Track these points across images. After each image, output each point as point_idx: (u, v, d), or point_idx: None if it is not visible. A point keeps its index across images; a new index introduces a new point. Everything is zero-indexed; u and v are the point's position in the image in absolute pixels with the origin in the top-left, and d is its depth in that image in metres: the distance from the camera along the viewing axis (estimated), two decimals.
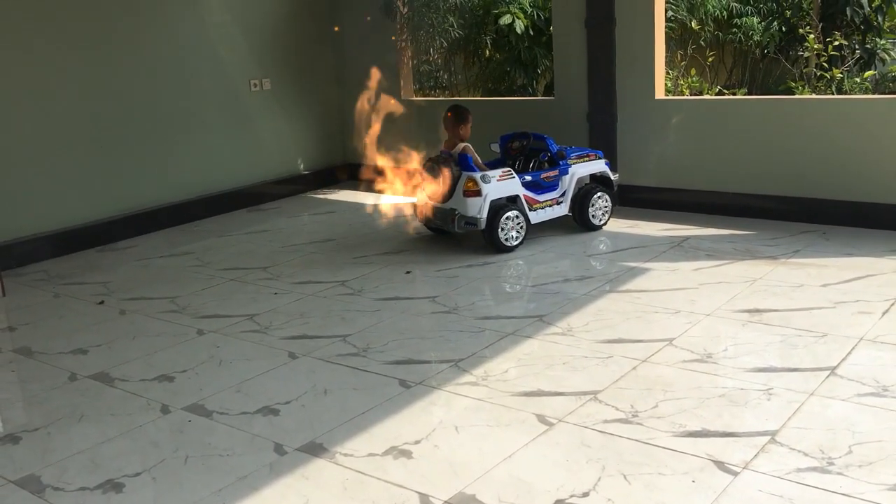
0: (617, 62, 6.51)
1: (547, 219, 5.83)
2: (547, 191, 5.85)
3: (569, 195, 5.89)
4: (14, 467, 3.18)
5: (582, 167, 5.97)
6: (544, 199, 5.81)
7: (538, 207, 5.78)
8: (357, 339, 4.28)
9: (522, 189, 5.69)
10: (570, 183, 5.89)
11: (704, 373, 3.60)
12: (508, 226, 5.58)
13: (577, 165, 5.94)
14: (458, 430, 3.25)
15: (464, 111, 5.90)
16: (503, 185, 5.60)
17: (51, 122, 6.27)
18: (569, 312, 4.44)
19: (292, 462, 3.09)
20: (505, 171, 5.63)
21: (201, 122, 7.31)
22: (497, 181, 5.56)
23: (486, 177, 5.53)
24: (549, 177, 5.87)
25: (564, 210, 5.90)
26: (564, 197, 5.89)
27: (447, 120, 5.88)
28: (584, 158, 6.01)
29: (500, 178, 5.58)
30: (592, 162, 6.04)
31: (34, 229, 6.23)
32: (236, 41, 7.54)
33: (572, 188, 5.89)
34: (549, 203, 5.83)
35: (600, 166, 6.07)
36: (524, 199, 5.69)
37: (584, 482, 2.82)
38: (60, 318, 4.93)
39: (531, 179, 5.78)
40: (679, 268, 5.06)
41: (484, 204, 5.49)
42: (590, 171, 6.03)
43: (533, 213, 5.74)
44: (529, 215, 5.71)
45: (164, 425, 3.46)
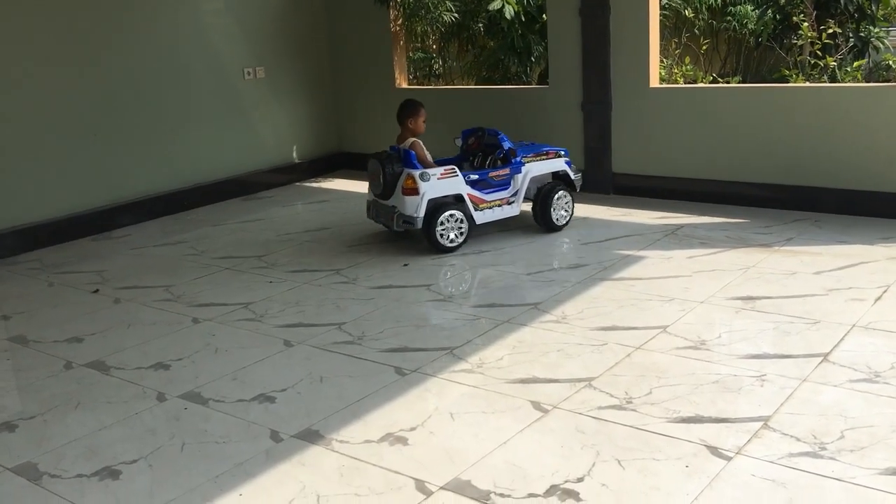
0: (611, 50, 6.51)
1: (495, 219, 5.62)
2: (497, 190, 5.61)
3: (521, 195, 5.65)
4: (10, 455, 3.19)
5: (537, 166, 5.71)
6: (492, 199, 5.57)
7: (485, 207, 5.54)
8: (352, 328, 4.29)
9: (467, 188, 5.46)
10: (523, 182, 5.64)
11: (698, 359, 3.62)
12: (447, 226, 5.38)
13: (532, 164, 5.68)
14: (454, 417, 3.27)
15: (412, 105, 5.69)
16: (444, 183, 5.38)
17: (44, 110, 6.25)
18: (563, 300, 4.46)
19: (289, 449, 3.11)
20: (448, 168, 5.42)
21: (195, 111, 7.29)
22: (437, 179, 5.35)
23: (426, 175, 5.31)
24: (499, 175, 5.62)
25: (516, 211, 5.66)
26: (517, 197, 5.66)
27: (398, 114, 5.71)
28: (542, 156, 5.75)
29: (442, 176, 5.37)
30: (550, 160, 5.78)
31: (28, 218, 6.21)
32: (230, 29, 7.52)
33: (524, 188, 5.65)
34: (499, 203, 5.59)
35: (559, 165, 5.81)
36: (469, 198, 5.47)
37: (579, 468, 2.84)
38: (55, 307, 4.93)
39: (478, 178, 5.54)
40: (673, 256, 5.08)
41: (421, 203, 5.29)
42: (546, 169, 5.76)
43: (479, 212, 5.51)
44: (475, 215, 5.49)
45: (160, 413, 3.47)
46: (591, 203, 6.53)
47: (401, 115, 5.68)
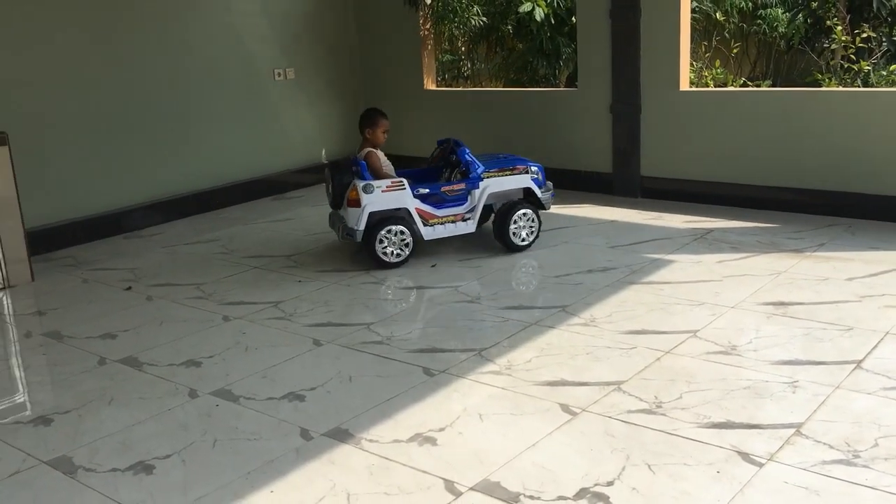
0: (641, 53, 6.49)
1: (448, 235, 5.36)
2: (451, 205, 5.36)
3: (478, 211, 5.36)
4: (46, 448, 3.24)
5: (498, 182, 5.39)
6: (445, 215, 5.32)
7: (436, 223, 5.30)
8: (381, 328, 4.31)
9: (415, 202, 5.25)
10: (480, 198, 5.35)
11: (729, 365, 3.60)
12: (388, 241, 5.21)
13: (492, 179, 5.37)
14: (482, 419, 3.28)
15: (371, 115, 5.49)
16: (389, 196, 5.18)
17: (80, 110, 6.34)
18: (591, 303, 4.45)
19: (318, 447, 3.13)
20: (395, 181, 5.22)
21: (226, 111, 7.36)
22: (382, 192, 5.15)
23: (369, 187, 5.13)
24: (454, 190, 5.36)
25: (471, 228, 5.38)
26: (473, 213, 5.37)
27: (358, 123, 5.56)
28: (506, 172, 5.43)
29: (388, 189, 5.17)
30: (515, 176, 5.44)
31: (63, 215, 6.31)
32: (261, 30, 7.58)
33: (481, 204, 5.36)
34: (452, 219, 5.33)
35: (523, 181, 5.46)
36: (418, 212, 5.25)
37: (609, 471, 2.84)
38: (89, 303, 5.00)
39: (429, 192, 5.31)
40: (703, 260, 5.05)
41: (362, 215, 5.13)
42: (508, 186, 5.43)
43: (428, 228, 5.28)
44: (423, 230, 5.27)
45: (192, 409, 3.51)
46: (619, 206, 6.52)
47: (360, 124, 5.52)
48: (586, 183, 7.06)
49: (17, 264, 5.41)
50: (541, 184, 5.56)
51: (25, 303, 5.15)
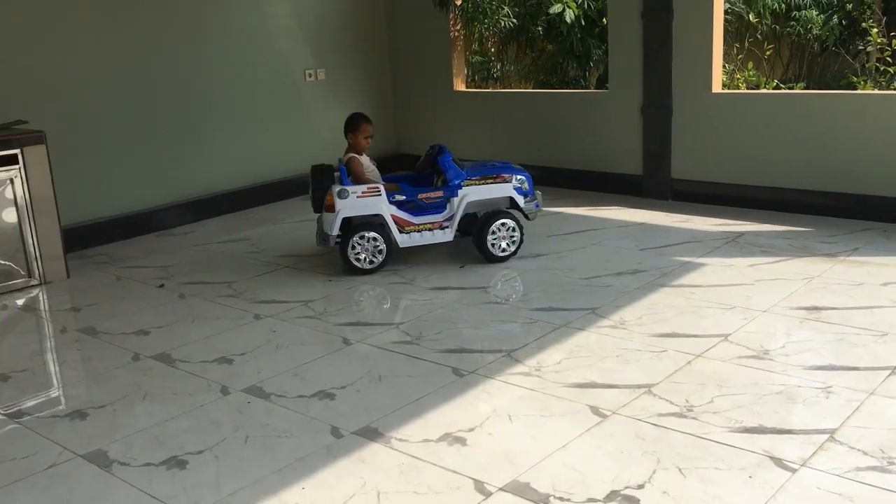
0: (674, 54, 6.46)
1: (424, 243, 5.29)
2: (429, 212, 5.27)
3: (455, 220, 5.25)
4: (82, 442, 3.29)
5: (478, 190, 5.26)
6: (422, 222, 5.24)
7: (412, 230, 5.23)
8: (410, 328, 4.33)
9: (391, 209, 5.19)
10: (459, 207, 5.23)
11: (761, 369, 3.57)
12: (360, 247, 5.18)
13: (471, 188, 5.25)
14: (512, 419, 3.28)
15: (354, 120, 5.45)
16: (364, 202, 5.13)
17: (115, 110, 6.44)
18: (621, 306, 4.44)
19: (349, 445, 3.15)
20: (371, 187, 5.18)
21: (258, 112, 7.43)
22: (357, 198, 5.12)
23: (344, 192, 5.10)
24: (431, 198, 5.27)
25: (449, 236, 5.28)
26: (451, 221, 5.27)
27: (343, 128, 5.52)
28: (488, 180, 5.30)
29: (363, 194, 5.13)
30: (496, 185, 5.30)
31: (97, 213, 6.41)
32: (293, 32, 7.64)
33: (459, 212, 5.24)
34: (429, 226, 5.25)
35: (504, 190, 5.31)
36: (394, 219, 5.19)
37: (639, 474, 2.83)
38: (123, 300, 5.08)
39: (405, 199, 5.24)
40: (734, 263, 5.01)
41: (336, 220, 5.11)
42: (488, 195, 5.29)
43: (404, 235, 5.22)
44: (398, 238, 5.21)
45: (224, 406, 3.55)
46: (648, 209, 6.49)
47: (344, 129, 5.48)
48: (616, 185, 7.04)
49: (53, 261, 5.50)
50: (526, 193, 5.39)
51: (61, 299, 5.23)
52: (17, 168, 5.27)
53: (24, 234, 5.35)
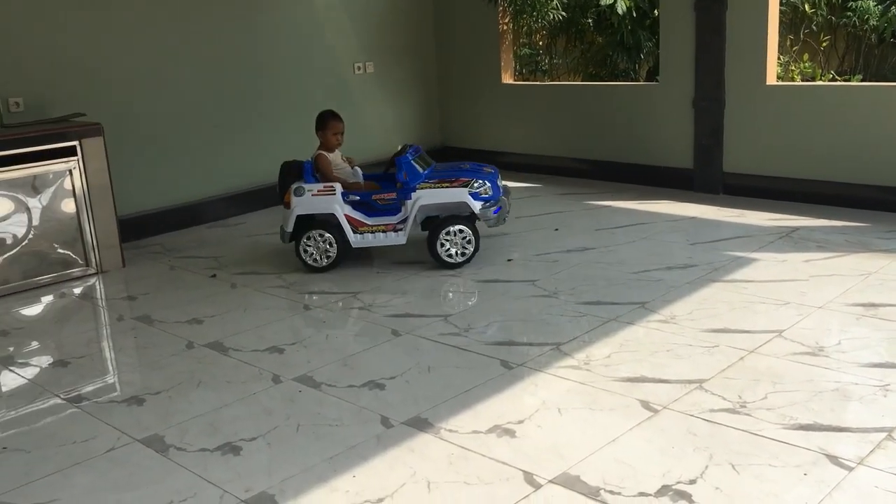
0: (727, 46, 6.35)
1: (377, 245, 5.22)
2: (383, 214, 5.21)
3: (409, 223, 5.14)
4: (139, 427, 3.37)
5: (432, 194, 5.10)
6: (375, 224, 5.17)
7: (366, 231, 5.17)
8: (458, 320, 4.34)
9: (346, 208, 5.16)
10: (412, 210, 5.12)
11: (816, 366, 3.51)
12: (312, 246, 5.22)
13: (425, 191, 5.10)
14: (561, 412, 3.28)
15: (322, 118, 5.41)
16: (318, 200, 5.13)
17: (170, 103, 6.56)
18: (672, 300, 4.39)
19: (399, 435, 3.18)
20: (327, 186, 5.16)
21: (308, 104, 7.46)
22: (312, 196, 5.13)
23: (300, 189, 5.13)
24: (384, 199, 5.20)
25: (402, 239, 5.18)
26: (405, 224, 5.17)
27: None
28: (444, 183, 5.12)
29: (318, 192, 5.13)
30: (451, 189, 5.10)
31: (152, 204, 6.54)
32: (342, 25, 7.69)
33: (412, 215, 5.12)
34: (382, 228, 5.17)
35: (458, 195, 5.08)
36: (348, 219, 5.15)
37: (691, 470, 2.81)
38: (176, 290, 5.18)
39: (359, 199, 5.21)
40: (788, 259, 4.93)
41: (290, 217, 5.16)
42: (442, 199, 5.11)
43: (358, 235, 5.17)
44: (352, 238, 5.17)
45: (276, 394, 3.60)
46: (699, 203, 6.41)
47: (315, 127, 5.44)
48: (666, 179, 6.96)
49: (110, 250, 5.63)
50: (487, 199, 5.15)
51: (117, 288, 5.36)
52: (75, 159, 5.40)
53: (81, 224, 5.48)
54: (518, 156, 8.06)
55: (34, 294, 5.24)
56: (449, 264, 5.17)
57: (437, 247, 5.14)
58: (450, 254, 5.16)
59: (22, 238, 5.26)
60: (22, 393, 3.81)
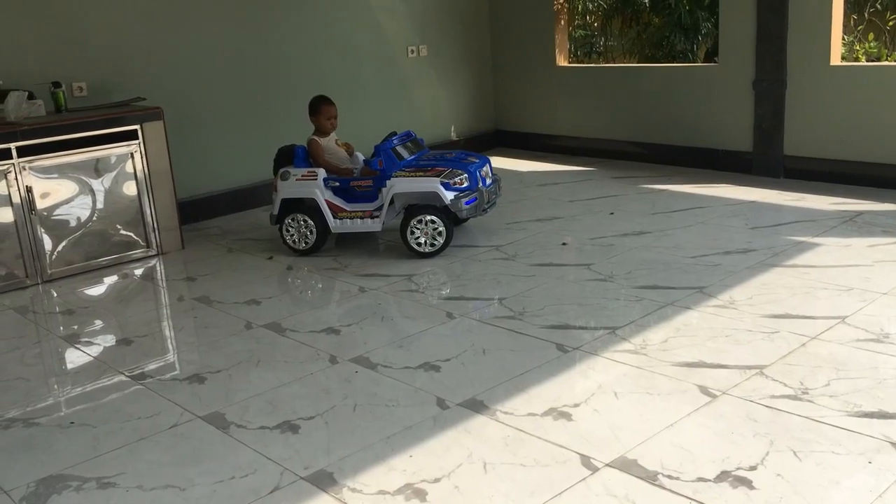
0: (789, 25, 6.20)
1: (355, 231, 5.32)
2: (361, 200, 5.28)
3: (384, 210, 5.18)
4: (201, 405, 3.45)
5: (406, 182, 5.10)
6: (353, 210, 5.25)
7: (345, 216, 5.26)
8: (513, 303, 4.34)
9: (326, 193, 5.25)
10: (387, 197, 5.15)
11: (881, 353, 3.42)
12: (293, 229, 5.35)
13: (399, 179, 5.11)
14: (618, 396, 3.26)
15: (314, 103, 5.48)
16: (301, 185, 5.27)
17: (226, 87, 6.65)
18: (731, 285, 4.32)
19: (454, 416, 3.19)
20: (310, 171, 5.27)
21: (362, 87, 7.54)
22: (296, 180, 5.27)
23: (286, 174, 5.29)
24: (362, 186, 5.26)
25: (377, 226, 5.24)
26: (381, 211, 5.20)
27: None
28: (419, 173, 5.12)
29: (302, 177, 5.27)
30: (423, 179, 5.07)
31: (210, 187, 6.65)
32: (396, 8, 7.70)
33: (387, 202, 5.16)
34: (360, 214, 5.24)
35: (430, 185, 5.05)
36: (328, 204, 5.25)
37: (752, 456, 2.77)
38: (234, 271, 5.27)
39: (339, 185, 5.28)
40: (852, 244, 4.80)
41: (276, 200, 5.33)
42: (415, 188, 5.10)
43: (337, 220, 5.27)
44: (333, 223, 5.27)
45: (332, 374, 3.65)
46: (759, 186, 6.28)
47: (308, 112, 5.51)
48: (724, 162, 6.84)
49: (170, 232, 5.75)
50: (462, 189, 5.09)
51: (176, 269, 5.47)
52: (136, 143, 5.51)
53: (142, 207, 5.61)
54: (572, 139, 7.99)
55: (97, 275, 5.38)
56: (418, 253, 5.18)
57: (407, 234, 5.17)
58: (419, 242, 5.17)
59: (85, 220, 5.40)
60: (88, 370, 3.92)
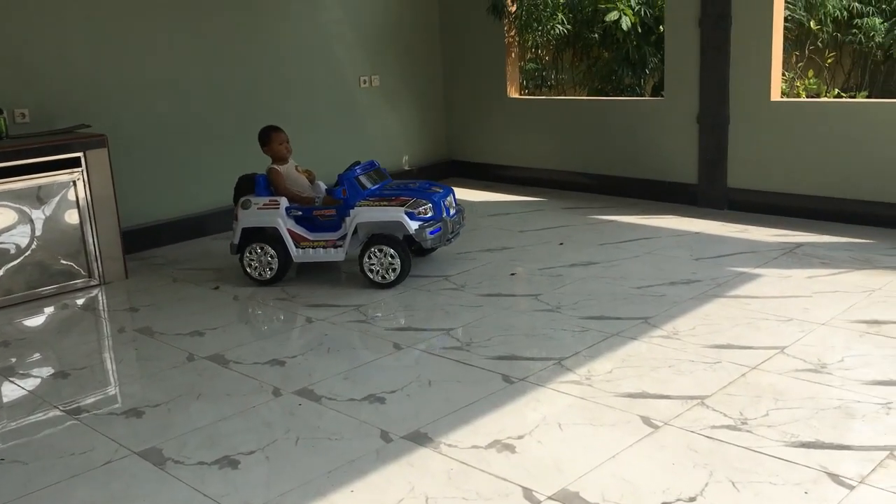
0: (731, 62, 6.36)
1: (318, 260, 5.26)
2: (324, 230, 5.23)
3: (348, 240, 5.13)
4: (138, 440, 3.36)
5: (368, 212, 5.08)
6: (316, 239, 5.20)
7: (307, 246, 5.20)
8: (460, 334, 4.33)
9: (288, 222, 5.19)
10: (350, 226, 5.10)
11: (818, 383, 3.49)
12: (253, 259, 5.28)
13: (363, 209, 5.08)
14: (562, 428, 3.26)
15: (262, 134, 5.45)
16: (262, 214, 5.21)
17: (175, 115, 6.58)
18: (675, 316, 4.38)
19: (398, 449, 3.16)
20: (272, 200, 5.22)
21: (314, 118, 7.52)
22: (258, 209, 5.21)
23: (247, 202, 5.23)
24: (325, 215, 5.20)
25: (340, 256, 5.18)
26: (344, 241, 5.16)
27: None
28: (382, 202, 5.09)
29: (263, 206, 5.21)
30: (387, 209, 5.05)
31: (155, 216, 6.55)
32: (348, 39, 7.73)
33: (350, 232, 5.11)
34: (323, 244, 5.18)
35: (394, 215, 5.02)
36: (290, 233, 5.19)
37: (691, 487, 2.78)
38: (178, 301, 5.18)
39: (301, 214, 5.23)
40: (792, 275, 4.91)
41: (237, 229, 5.27)
42: (378, 218, 5.07)
43: (300, 250, 5.21)
44: (295, 252, 5.21)
45: (275, 407, 3.59)
46: (704, 218, 6.39)
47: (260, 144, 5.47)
48: (670, 194, 6.95)
49: (113, 262, 5.64)
50: (427, 219, 5.08)
51: (119, 299, 5.36)
52: (79, 171, 5.41)
53: (85, 236, 5.49)
54: (523, 169, 8.07)
55: (37, 305, 5.25)
56: (375, 283, 5.13)
57: (363, 262, 5.13)
58: (373, 271, 5.12)
59: (25, 249, 5.27)
60: (22, 404, 3.81)
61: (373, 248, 5.09)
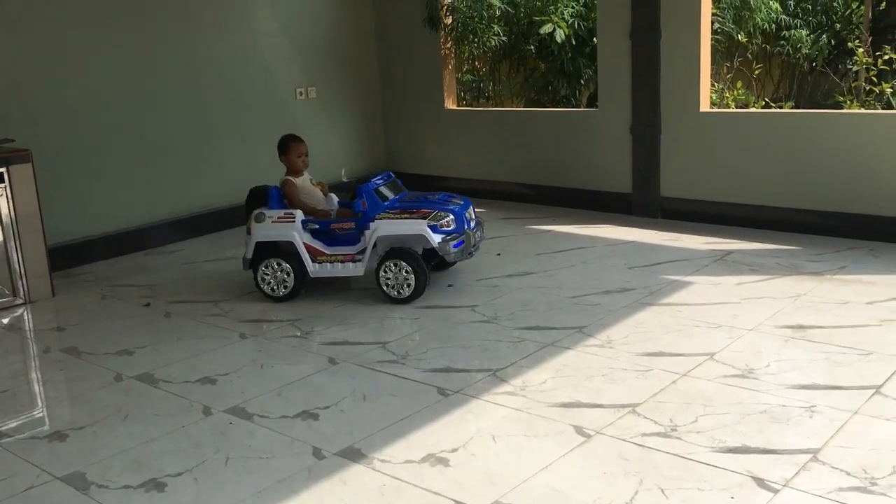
0: (661, 74, 6.48)
1: (336, 275, 5.07)
2: (342, 244, 5.05)
3: (367, 254, 4.97)
4: (60, 464, 3.26)
5: (389, 225, 4.92)
6: (334, 253, 5.03)
7: (324, 260, 5.02)
8: (396, 347, 4.31)
9: (304, 236, 5.02)
10: (370, 240, 4.93)
11: (745, 388, 3.56)
12: (268, 275, 5.09)
13: (384, 222, 4.92)
14: (496, 440, 3.26)
15: (282, 142, 5.26)
16: (278, 227, 5.02)
17: (103, 128, 6.43)
18: (608, 324, 4.42)
19: (330, 466, 3.12)
20: (287, 212, 5.03)
21: (248, 129, 7.43)
22: (272, 223, 5.02)
23: (261, 215, 5.03)
24: (343, 228, 5.04)
25: (359, 270, 5.00)
26: (363, 255, 5.00)
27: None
28: (403, 215, 4.94)
29: (278, 219, 5.02)
30: (409, 221, 4.89)
31: (84, 232, 6.38)
32: (284, 50, 7.66)
33: (370, 246, 4.94)
34: (340, 258, 5.02)
35: (416, 227, 4.87)
36: (306, 247, 5.02)
37: (622, 495, 2.81)
38: (107, 319, 5.04)
39: (318, 228, 5.07)
40: (722, 282, 5.01)
41: (250, 243, 5.08)
42: (401, 231, 4.91)
43: (317, 265, 5.03)
44: (311, 267, 5.03)
45: (205, 427, 3.52)
46: (638, 227, 6.49)
47: (278, 152, 5.29)
48: (605, 203, 7.04)
49: (38, 279, 5.47)
50: (450, 232, 4.95)
51: (45, 318, 5.20)
52: (2, 186, 5.25)
53: (8, 253, 5.32)
54: (462, 180, 8.08)
55: None
56: (391, 298, 5.00)
57: (380, 281, 5.00)
58: (388, 286, 4.99)
59: None
60: None
61: (388, 262, 4.93)
